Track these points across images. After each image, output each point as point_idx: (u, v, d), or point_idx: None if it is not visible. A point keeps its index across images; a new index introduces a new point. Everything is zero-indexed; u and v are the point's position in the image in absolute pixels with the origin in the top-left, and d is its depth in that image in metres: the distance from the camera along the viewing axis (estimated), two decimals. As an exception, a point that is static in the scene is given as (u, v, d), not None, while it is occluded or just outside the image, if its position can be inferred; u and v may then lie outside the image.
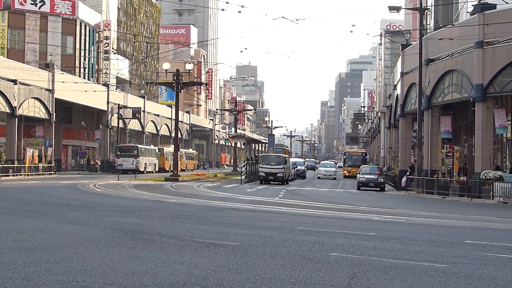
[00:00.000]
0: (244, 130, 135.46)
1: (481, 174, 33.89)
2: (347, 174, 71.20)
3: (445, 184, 37.82)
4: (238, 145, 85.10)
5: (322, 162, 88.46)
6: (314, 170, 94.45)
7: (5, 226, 15.20)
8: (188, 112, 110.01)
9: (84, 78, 72.31)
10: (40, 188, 34.33)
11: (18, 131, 55.80)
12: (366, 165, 55.54)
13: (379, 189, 44.66)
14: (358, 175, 47.18)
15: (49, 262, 10.38)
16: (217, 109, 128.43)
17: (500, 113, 35.24)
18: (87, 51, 74.83)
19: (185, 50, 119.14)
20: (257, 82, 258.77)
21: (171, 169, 52.83)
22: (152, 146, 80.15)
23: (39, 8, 69.74)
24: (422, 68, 40.86)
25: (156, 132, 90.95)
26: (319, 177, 65.66)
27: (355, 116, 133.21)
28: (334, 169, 69.74)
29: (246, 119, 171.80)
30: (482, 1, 36.29)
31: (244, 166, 50.73)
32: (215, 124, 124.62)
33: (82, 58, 73.79)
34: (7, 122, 55.10)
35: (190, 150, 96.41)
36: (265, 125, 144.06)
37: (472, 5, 38.32)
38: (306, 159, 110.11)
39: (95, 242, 12.87)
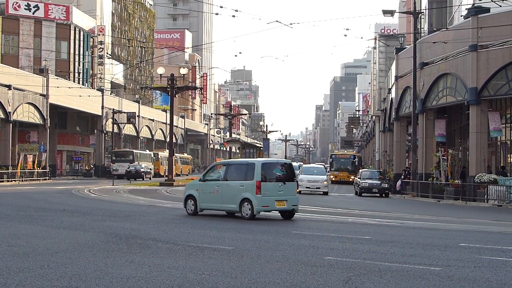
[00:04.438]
0: (239, 134, 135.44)
1: (476, 177, 33.93)
2: (333, 179, 62.83)
3: (439, 188, 37.86)
4: (233, 149, 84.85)
5: (304, 166, 52.41)
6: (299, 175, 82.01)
7: (-1, 232, 15.16)
8: (183, 117, 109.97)
9: (79, 83, 72.18)
10: (34, 193, 34.25)
11: (12, 137, 55.65)
12: (366, 169, 51.82)
13: (382, 195, 40.73)
14: (358, 179, 42.97)
15: (43, 267, 10.37)
16: (212, 114, 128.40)
17: (495, 116, 35.32)
18: (81, 56, 74.75)
19: (179, 55, 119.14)
20: (251, 87, 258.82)
21: (166, 174, 52.79)
22: (147, 151, 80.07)
23: (33, 14, 69.64)
24: (417, 72, 40.92)
25: (151, 137, 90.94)
26: (300, 192, 36.94)
27: (349, 120, 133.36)
28: (325, 177, 44.07)
29: (241, 124, 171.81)
30: (475, 5, 36.39)
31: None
32: (210, 129, 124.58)
33: (76, 63, 73.68)
34: (2, 128, 54.98)
35: (185, 155, 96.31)
36: (260, 130, 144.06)
37: (466, 9, 38.40)
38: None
39: (90, 247, 12.86)
